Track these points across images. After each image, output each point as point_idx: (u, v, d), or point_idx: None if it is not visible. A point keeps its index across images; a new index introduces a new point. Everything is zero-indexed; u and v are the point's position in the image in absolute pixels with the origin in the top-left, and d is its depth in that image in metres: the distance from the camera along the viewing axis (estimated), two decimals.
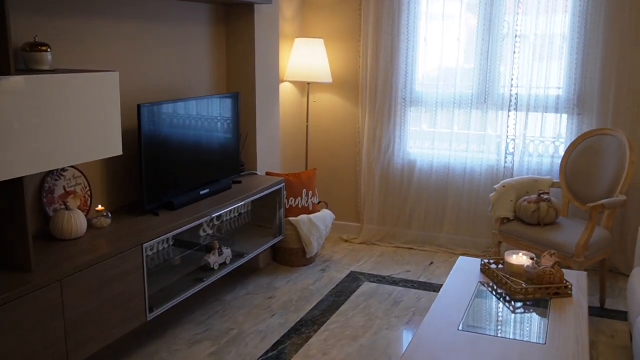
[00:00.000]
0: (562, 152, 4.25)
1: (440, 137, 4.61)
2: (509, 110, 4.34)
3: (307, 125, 4.80)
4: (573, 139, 4.17)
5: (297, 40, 4.61)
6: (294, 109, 4.85)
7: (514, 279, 2.70)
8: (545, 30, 4.16)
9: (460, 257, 3.14)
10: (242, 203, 3.71)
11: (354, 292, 3.97)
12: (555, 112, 4.22)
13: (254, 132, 4.21)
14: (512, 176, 4.40)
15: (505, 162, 4.41)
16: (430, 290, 3.97)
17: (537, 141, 4.32)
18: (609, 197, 3.58)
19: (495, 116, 4.40)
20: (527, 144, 4.34)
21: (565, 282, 2.65)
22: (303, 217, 4.30)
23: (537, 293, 2.61)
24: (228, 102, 3.85)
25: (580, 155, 3.83)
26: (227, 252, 3.67)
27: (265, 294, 3.92)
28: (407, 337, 3.35)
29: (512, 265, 2.82)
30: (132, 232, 2.96)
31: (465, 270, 2.96)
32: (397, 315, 3.61)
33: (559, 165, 4.22)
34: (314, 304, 3.77)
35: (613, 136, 3.69)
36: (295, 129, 4.92)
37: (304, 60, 4.54)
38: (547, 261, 2.78)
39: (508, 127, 4.36)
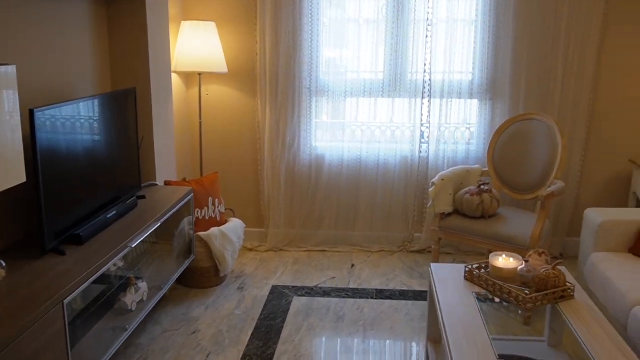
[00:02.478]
0: (476, 139, 4.17)
1: (349, 129, 4.27)
2: (423, 97, 4.13)
3: (200, 122, 4.15)
4: (487, 125, 4.11)
5: (184, 24, 3.92)
6: (180, 103, 4.16)
7: (516, 287, 2.46)
8: (457, 14, 4.00)
9: (433, 265, 2.83)
10: (159, 224, 3.01)
11: (287, 310, 3.49)
12: (469, 97, 4.10)
13: (151, 134, 3.48)
14: (427, 166, 4.23)
15: (420, 151, 4.22)
16: (367, 297, 3.64)
17: (452, 128, 4.18)
18: (542, 183, 3.53)
19: (407, 104, 4.17)
20: (441, 132, 4.18)
21: (568, 283, 2.47)
22: (214, 230, 3.70)
23: (545, 300, 2.40)
24: (124, 100, 3.10)
25: (507, 142, 3.74)
26: (143, 286, 2.96)
27: (186, 328, 3.28)
28: (374, 358, 2.97)
29: (500, 269, 2.58)
30: (41, 283, 2.17)
31: (448, 280, 2.66)
32: (349, 333, 3.22)
33: (476, 152, 4.16)
34: (250, 333, 3.23)
35: (540, 121, 3.64)
36: (184, 127, 4.24)
37: (193, 47, 3.88)
38: (537, 261, 2.58)
39: (422, 114, 4.16)
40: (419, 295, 3.66)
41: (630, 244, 3.09)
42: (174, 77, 4.02)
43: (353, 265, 4.16)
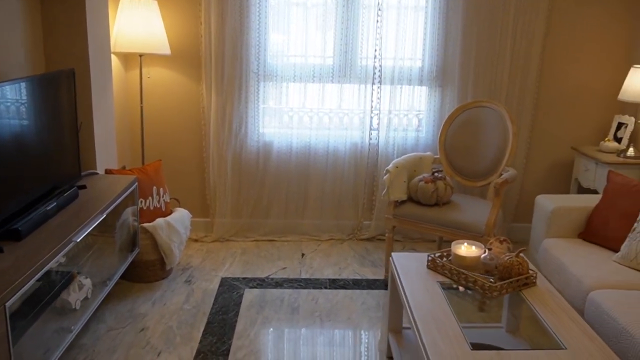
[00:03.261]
0: (425, 126, 4.16)
1: (298, 114, 4.16)
2: (373, 83, 4.07)
3: (142, 107, 3.91)
4: (436, 112, 4.11)
5: (123, 1, 3.68)
6: (119, 85, 3.91)
7: (481, 275, 2.44)
8: (407, 0, 3.95)
9: (394, 254, 2.78)
10: (104, 216, 2.80)
11: (240, 303, 3.36)
12: (419, 84, 4.08)
13: (90, 119, 3.25)
14: (377, 153, 4.18)
15: (370, 138, 4.17)
16: (320, 287, 3.57)
17: (401, 115, 4.15)
18: (494, 170, 3.56)
19: (357, 90, 4.10)
20: (391, 119, 4.14)
21: (530, 270, 2.48)
22: (159, 221, 3.51)
23: (510, 287, 2.40)
24: (62, 83, 2.85)
25: (458, 129, 3.74)
26: (87, 282, 2.75)
27: (133, 325, 3.09)
28: (334, 350, 2.90)
29: (463, 258, 2.56)
30: None
31: (411, 269, 2.62)
32: (305, 324, 3.14)
33: (425, 139, 4.16)
34: (202, 329, 3.08)
35: (490, 108, 3.66)
36: (124, 111, 3.99)
37: (133, 26, 3.64)
38: (499, 249, 2.58)
39: (372, 101, 4.10)
40: (373, 284, 3.62)
41: (581, 229, 3.16)
42: (113, 58, 3.77)
43: (303, 255, 4.07)
